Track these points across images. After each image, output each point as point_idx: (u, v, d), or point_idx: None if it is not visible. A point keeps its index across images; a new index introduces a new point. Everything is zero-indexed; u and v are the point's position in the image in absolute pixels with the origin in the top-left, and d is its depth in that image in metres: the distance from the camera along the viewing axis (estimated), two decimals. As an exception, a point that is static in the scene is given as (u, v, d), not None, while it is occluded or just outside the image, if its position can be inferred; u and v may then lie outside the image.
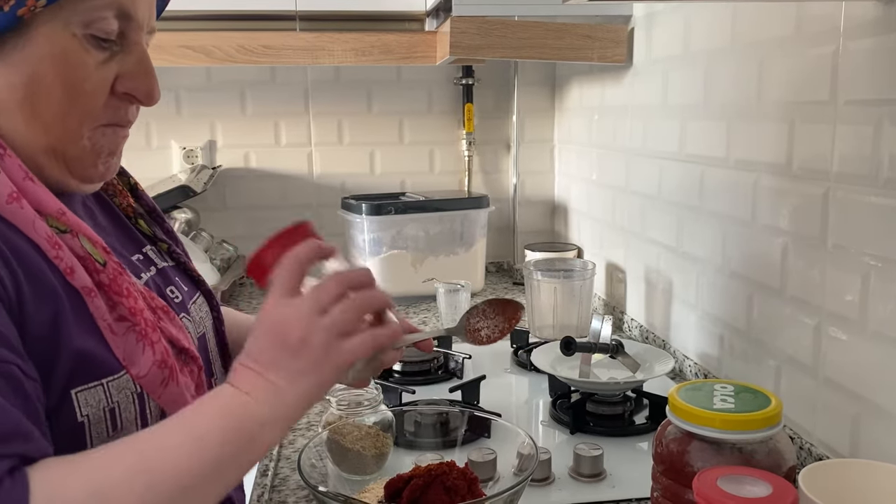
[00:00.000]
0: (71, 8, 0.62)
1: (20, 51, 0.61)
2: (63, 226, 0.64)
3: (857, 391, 0.91)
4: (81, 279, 0.62)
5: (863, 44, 0.88)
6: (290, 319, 0.63)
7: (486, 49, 1.53)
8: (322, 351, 0.62)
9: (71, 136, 0.65)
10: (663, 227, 1.44)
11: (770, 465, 0.71)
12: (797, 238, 1.02)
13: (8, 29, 0.60)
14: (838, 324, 0.94)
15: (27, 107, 0.63)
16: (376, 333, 0.65)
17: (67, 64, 0.63)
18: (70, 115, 0.64)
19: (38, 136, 0.64)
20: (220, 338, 0.86)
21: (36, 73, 0.62)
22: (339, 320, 0.63)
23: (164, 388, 0.66)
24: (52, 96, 0.63)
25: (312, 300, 0.64)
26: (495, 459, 0.88)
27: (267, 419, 0.61)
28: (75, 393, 0.61)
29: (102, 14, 0.63)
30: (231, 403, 0.61)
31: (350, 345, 0.63)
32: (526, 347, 1.45)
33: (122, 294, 0.65)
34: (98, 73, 0.65)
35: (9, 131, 0.64)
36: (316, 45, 1.83)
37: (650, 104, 1.48)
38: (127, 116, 0.69)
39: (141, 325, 0.65)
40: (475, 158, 2.19)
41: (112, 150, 0.70)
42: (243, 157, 2.10)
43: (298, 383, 0.62)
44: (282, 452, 1.08)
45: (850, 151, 0.91)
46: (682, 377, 1.35)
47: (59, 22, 0.62)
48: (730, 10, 1.17)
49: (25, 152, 0.64)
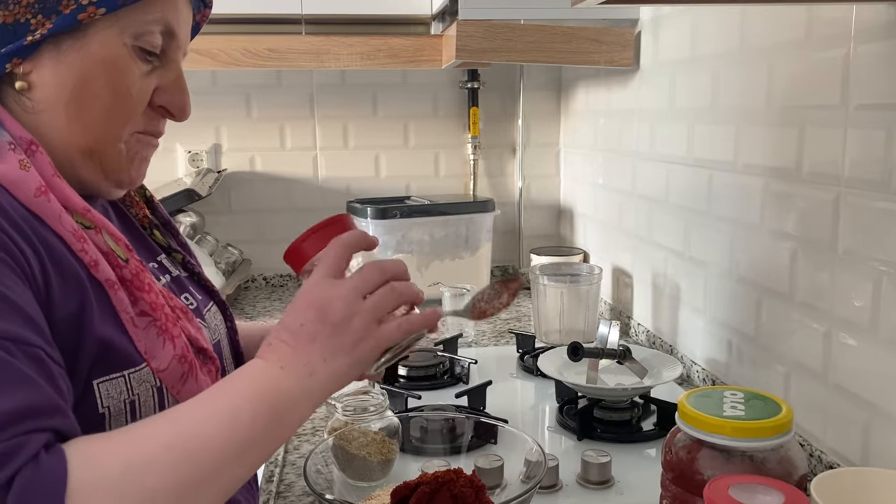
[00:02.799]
0: (126, 18, 0.66)
1: (75, 52, 0.65)
2: (88, 222, 0.66)
3: (868, 398, 0.91)
4: (105, 272, 0.64)
5: (874, 47, 0.88)
6: (335, 298, 0.64)
7: (492, 52, 1.53)
8: (362, 332, 0.64)
9: (110, 138, 0.68)
10: (670, 232, 1.43)
11: (781, 474, 0.70)
12: (806, 243, 1.01)
13: (66, 30, 0.64)
14: (848, 330, 0.93)
15: (73, 106, 0.66)
16: (411, 319, 0.67)
17: (117, 70, 0.66)
18: (112, 119, 0.68)
19: (78, 136, 0.67)
20: (234, 346, 0.87)
21: (87, 75, 0.65)
22: (380, 305, 0.66)
23: (184, 383, 0.68)
24: (98, 98, 0.66)
25: (357, 284, 0.66)
26: (502, 466, 0.87)
27: (299, 396, 0.63)
28: (97, 384, 0.63)
29: (151, 28, 0.67)
30: (265, 379, 0.62)
31: (387, 329, 0.66)
32: (532, 352, 1.44)
33: (144, 289, 0.67)
34: (141, 83, 0.68)
35: (49, 129, 0.66)
36: (321, 49, 1.83)
37: (657, 108, 1.48)
38: (159, 128, 0.73)
39: (161, 321, 0.67)
40: (481, 162, 2.18)
41: (144, 156, 0.73)
42: (248, 160, 2.10)
43: (333, 361, 0.64)
44: (287, 458, 1.07)
45: (862, 156, 0.90)
46: (689, 383, 1.34)
47: (115, 30, 0.65)
48: (738, 14, 1.16)
49: (62, 151, 0.67)
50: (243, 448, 0.59)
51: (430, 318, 0.69)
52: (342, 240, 0.69)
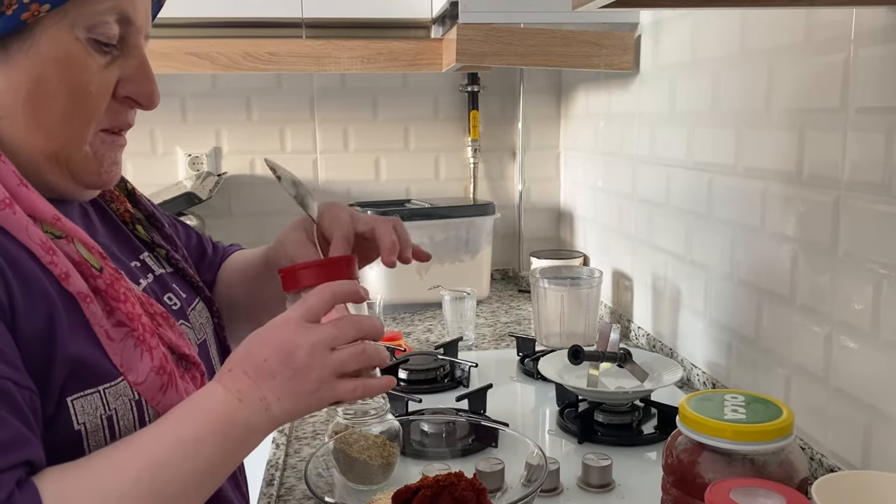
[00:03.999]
0: (74, 12, 0.62)
1: (23, 53, 0.61)
2: (58, 231, 0.63)
3: (869, 401, 0.90)
4: (77, 284, 0.62)
5: (874, 51, 0.88)
6: (303, 344, 0.65)
7: (493, 56, 1.53)
8: (319, 384, 0.65)
9: (74, 140, 0.65)
10: (671, 235, 1.43)
11: (782, 477, 0.70)
12: (807, 246, 1.01)
13: (11, 32, 0.60)
14: (849, 333, 0.93)
15: (30, 110, 0.62)
16: (369, 385, 0.68)
17: (72, 67, 0.63)
18: (73, 119, 0.64)
19: (40, 141, 0.64)
20: (221, 344, 0.86)
21: (40, 76, 0.62)
22: (345, 363, 0.66)
23: (164, 394, 0.66)
24: (56, 99, 0.63)
25: (329, 335, 0.66)
26: (503, 470, 0.87)
27: (254, 428, 0.64)
28: (71, 401, 0.61)
29: (104, 18, 0.63)
30: (224, 411, 0.64)
31: (344, 388, 0.66)
32: (532, 356, 1.44)
33: (120, 299, 0.64)
34: (101, 77, 0.65)
35: (9, 136, 0.63)
36: (322, 53, 1.83)
37: (657, 111, 1.48)
38: (127, 120, 0.70)
39: (139, 331, 0.65)
40: (481, 165, 2.18)
41: (113, 158, 0.70)
42: (249, 163, 2.10)
43: (287, 402, 0.65)
44: (288, 462, 1.07)
45: (862, 159, 0.90)
46: (689, 386, 1.34)
47: (63, 26, 0.62)
48: (738, 17, 1.17)
49: (26, 157, 0.64)
50: (205, 476, 0.63)
51: (386, 385, 0.70)
52: (334, 288, 0.68)
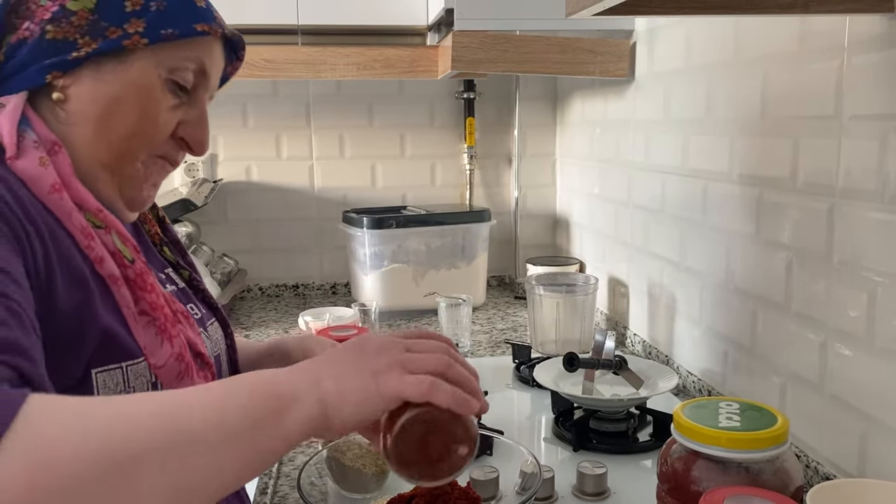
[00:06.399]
0: (164, 52, 0.71)
1: (113, 73, 0.69)
2: (99, 222, 0.69)
3: (864, 409, 0.90)
4: (109, 268, 0.67)
5: (868, 59, 0.88)
6: (377, 338, 0.61)
7: (488, 63, 1.53)
8: (384, 367, 0.57)
9: (130, 157, 0.72)
10: (666, 242, 1.43)
11: (777, 485, 0.70)
12: (802, 253, 1.01)
13: (109, 52, 0.69)
14: (844, 340, 0.93)
15: (102, 122, 0.70)
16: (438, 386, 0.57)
17: (148, 97, 0.71)
18: (135, 139, 0.72)
19: (102, 152, 0.71)
20: (232, 365, 0.86)
21: (120, 96, 0.70)
22: (419, 361, 0.59)
23: (180, 381, 0.69)
24: (126, 119, 0.70)
25: (409, 338, 0.62)
26: (498, 478, 0.87)
27: (298, 395, 0.55)
28: (96, 373, 0.64)
29: (186, 65, 0.73)
30: (269, 373, 0.57)
31: (409, 379, 0.57)
32: (528, 363, 1.43)
33: (146, 289, 0.69)
34: (167, 114, 0.73)
35: (77, 140, 0.70)
36: (318, 59, 1.83)
37: (652, 118, 1.48)
38: (177, 157, 0.78)
39: (161, 321, 0.69)
40: (477, 172, 2.18)
41: (156, 180, 0.77)
42: (245, 170, 2.10)
43: (340, 381, 0.57)
44: (281, 470, 1.07)
45: (856, 166, 0.90)
46: (685, 393, 1.34)
47: (152, 61, 0.70)
48: (732, 25, 1.17)
49: (85, 163, 0.70)
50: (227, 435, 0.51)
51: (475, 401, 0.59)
52: None
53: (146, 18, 0.69)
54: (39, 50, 0.68)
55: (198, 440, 0.50)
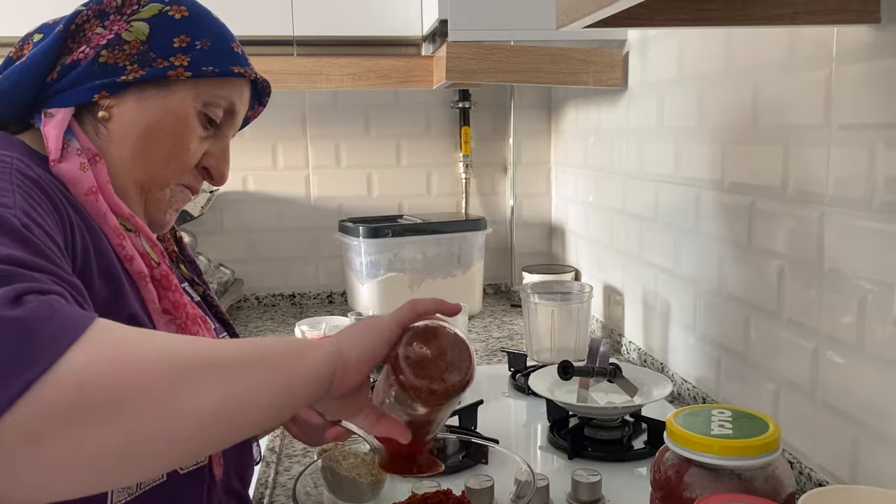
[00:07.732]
0: (203, 87, 0.78)
1: (155, 99, 0.76)
2: (130, 226, 0.75)
3: (856, 415, 0.91)
4: (139, 266, 0.73)
5: (856, 68, 0.89)
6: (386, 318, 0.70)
7: (483, 73, 1.54)
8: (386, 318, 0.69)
9: (161, 180, 0.79)
10: (660, 249, 1.44)
11: (769, 492, 0.71)
12: (793, 261, 1.02)
13: (154, 80, 0.76)
14: (836, 347, 0.94)
15: (140, 143, 0.76)
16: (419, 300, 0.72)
17: (184, 125, 0.78)
18: (169, 164, 0.78)
19: (138, 171, 0.77)
20: None
21: (160, 121, 0.76)
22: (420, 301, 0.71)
23: None
24: (163, 143, 0.77)
25: None
26: (493, 486, 0.87)
27: (316, 344, 0.64)
28: None
29: (219, 102, 0.80)
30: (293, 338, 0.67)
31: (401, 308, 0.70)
32: (524, 371, 1.44)
33: (170, 289, 0.75)
34: (197, 144, 0.80)
35: (114, 157, 0.76)
36: (313, 70, 1.84)
37: (645, 127, 1.49)
38: (198, 186, 0.85)
39: (182, 319, 0.75)
40: (472, 181, 2.19)
41: (178, 206, 0.84)
42: (241, 180, 2.10)
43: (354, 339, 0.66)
44: (278, 480, 1.07)
45: (845, 175, 0.91)
46: (680, 400, 1.35)
47: (191, 93, 0.78)
48: (723, 35, 1.18)
49: (120, 179, 0.76)
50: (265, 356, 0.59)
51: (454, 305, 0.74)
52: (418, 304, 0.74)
53: (191, 55, 0.76)
54: (91, 71, 0.74)
55: (234, 365, 0.56)
